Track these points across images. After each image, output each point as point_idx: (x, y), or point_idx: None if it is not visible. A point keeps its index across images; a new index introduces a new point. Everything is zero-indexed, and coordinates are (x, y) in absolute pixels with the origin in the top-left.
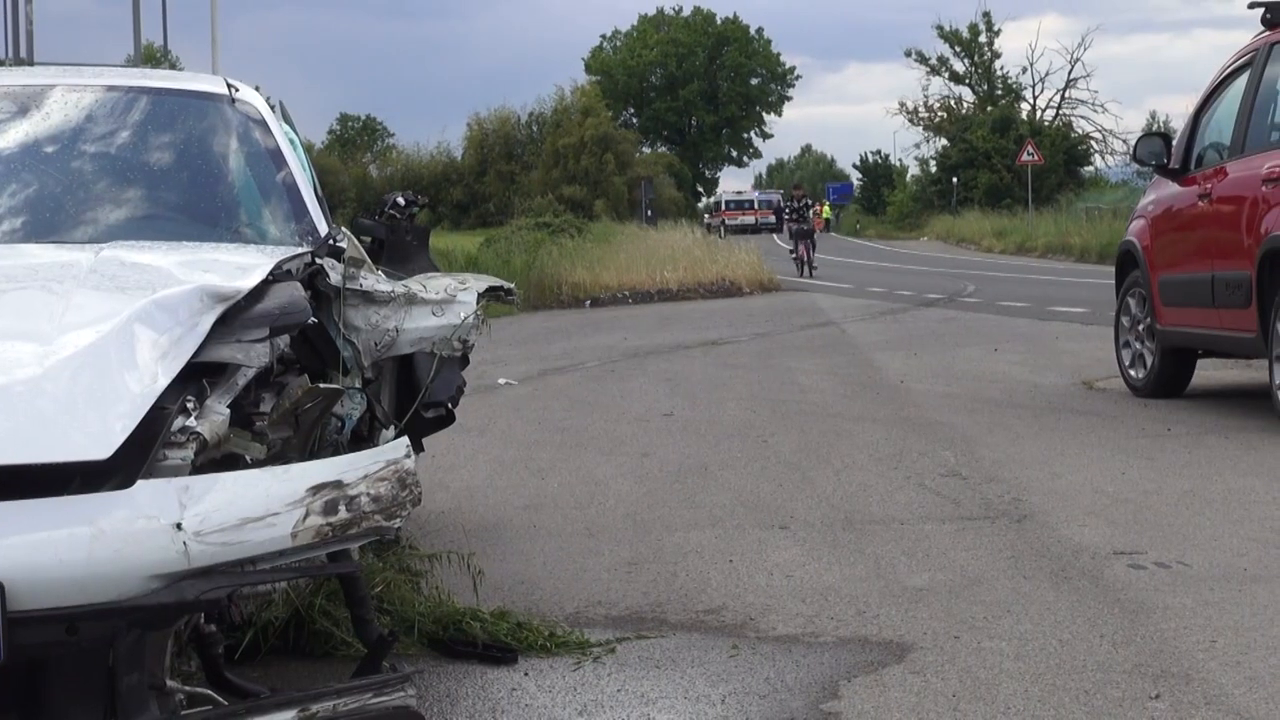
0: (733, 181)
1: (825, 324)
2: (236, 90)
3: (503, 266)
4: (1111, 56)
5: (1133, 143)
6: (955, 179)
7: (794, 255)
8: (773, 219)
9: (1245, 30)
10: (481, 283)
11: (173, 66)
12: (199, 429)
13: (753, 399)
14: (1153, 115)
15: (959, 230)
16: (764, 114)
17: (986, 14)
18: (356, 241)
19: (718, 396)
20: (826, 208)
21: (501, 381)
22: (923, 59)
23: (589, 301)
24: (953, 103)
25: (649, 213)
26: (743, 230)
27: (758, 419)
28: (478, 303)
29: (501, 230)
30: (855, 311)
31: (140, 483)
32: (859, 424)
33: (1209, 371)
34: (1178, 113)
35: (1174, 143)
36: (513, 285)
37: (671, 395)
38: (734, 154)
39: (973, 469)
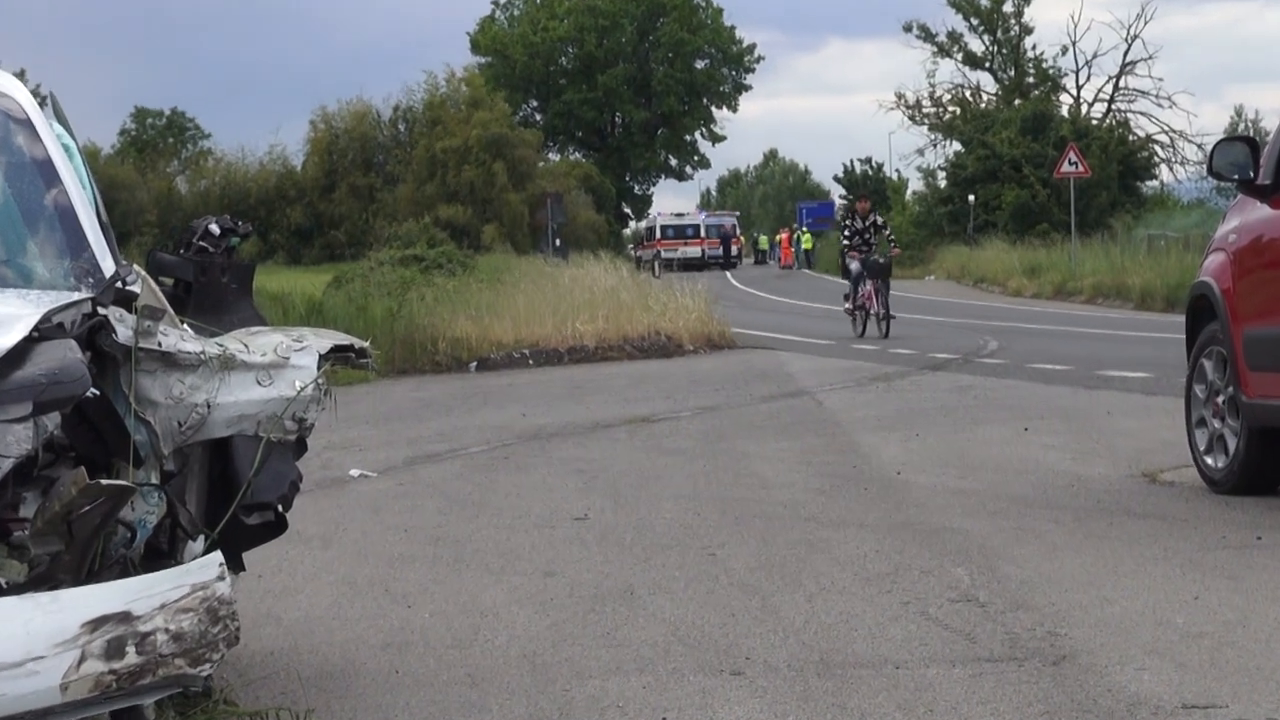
0: (671, 200)
1: (795, 394)
2: None
3: (357, 316)
4: (1181, 32)
5: (1209, 149)
6: (972, 197)
7: (853, 304)
8: (734, 251)
9: None
10: (325, 340)
11: None
12: None
13: (696, 497)
14: (1237, 112)
15: (977, 266)
16: (713, 108)
17: None
18: (154, 285)
19: (649, 493)
20: (807, 235)
21: (354, 474)
22: (928, 35)
23: (475, 364)
24: (968, 94)
25: (557, 242)
26: (686, 266)
27: (703, 524)
28: (320, 367)
29: (356, 266)
30: (836, 376)
31: None
32: (840, 531)
33: None
34: (1270, 108)
35: (1264, 150)
36: (368, 344)
37: (586, 492)
38: (673, 163)
39: (994, 592)
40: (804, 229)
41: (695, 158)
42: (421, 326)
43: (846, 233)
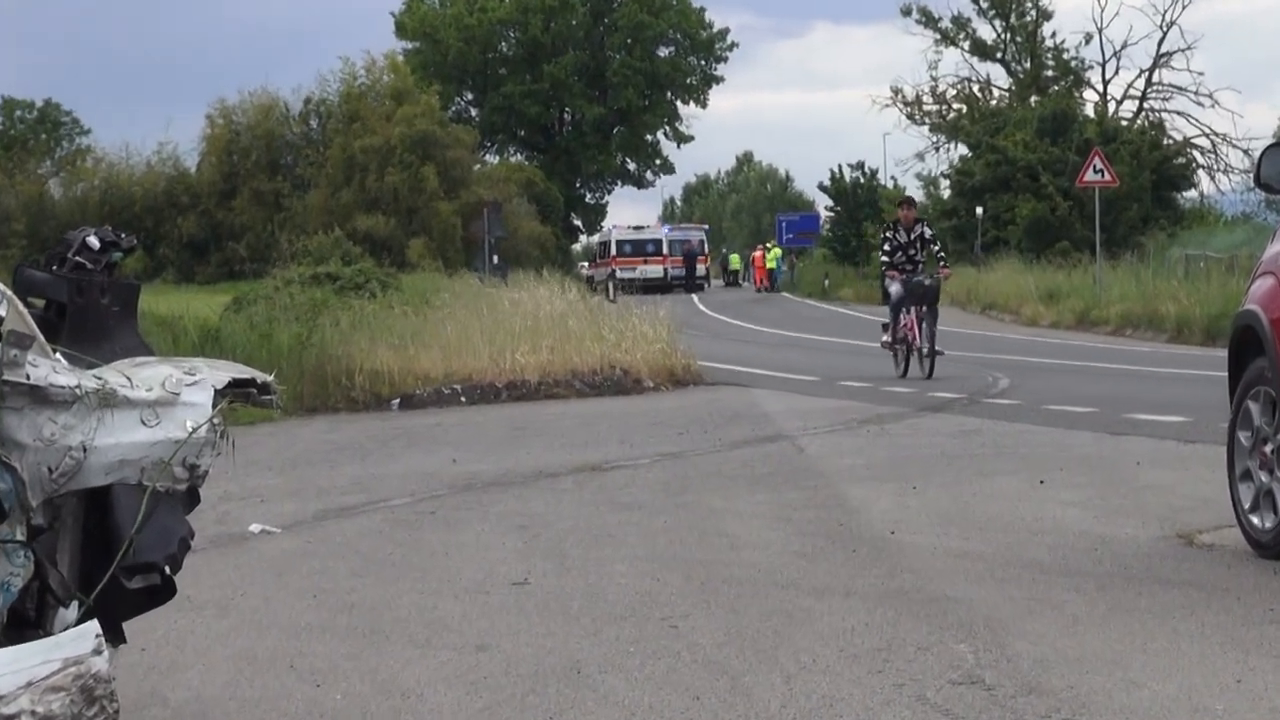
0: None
1: (772, 438)
2: None
3: (259, 345)
4: (1225, 19)
5: (1256, 156)
6: (980, 209)
7: (893, 336)
8: (703, 271)
9: None
10: (222, 373)
11: None
12: None
13: (655, 559)
14: None
15: (986, 290)
16: (679, 104)
17: None
18: (21, 307)
19: (600, 554)
20: (774, 251)
21: (256, 529)
22: (930, 19)
23: (397, 401)
24: (977, 89)
25: (495, 259)
26: (647, 288)
27: (663, 591)
28: (216, 404)
29: (259, 286)
30: (819, 418)
31: None
32: (823, 600)
33: None
34: None
35: None
36: (272, 377)
37: (527, 552)
38: (631, 167)
39: (1003, 673)
40: (769, 245)
41: (657, 161)
42: (335, 357)
43: (887, 248)
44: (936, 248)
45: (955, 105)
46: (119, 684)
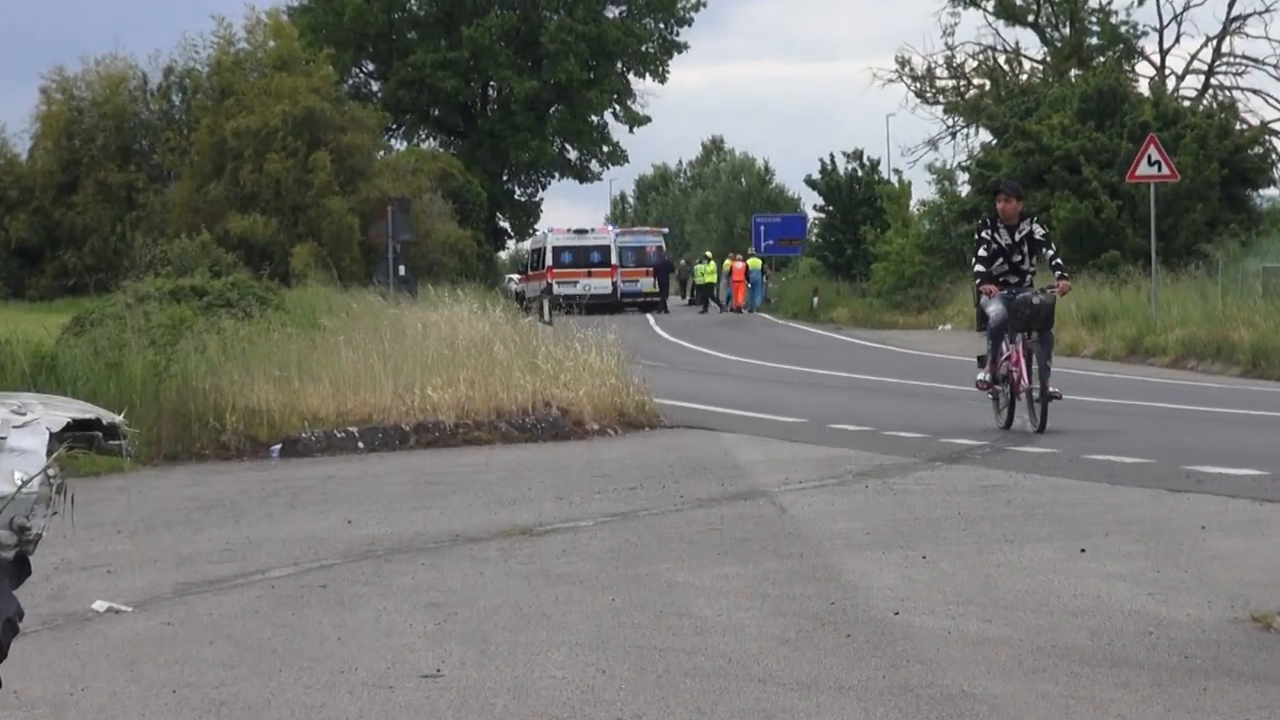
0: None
1: (747, 495)
2: None
3: (107, 376)
4: None
5: None
6: None
7: (993, 373)
8: (654, 287)
9: None
10: (59, 412)
11: None
12: None
13: (601, 645)
14: None
15: None
16: (631, 77)
17: None
18: None
19: (532, 640)
20: (754, 262)
21: (101, 607)
22: None
23: (278, 447)
24: (1003, 60)
25: (401, 270)
26: (593, 306)
27: (611, 686)
28: (52, 451)
29: (107, 302)
30: (805, 469)
31: None
32: (810, 697)
33: None
34: None
35: None
36: (122, 417)
37: (440, 636)
38: (571, 156)
39: None
40: (749, 254)
41: (605, 149)
42: (201, 392)
43: (982, 252)
44: (1050, 253)
45: (976, 80)
46: None
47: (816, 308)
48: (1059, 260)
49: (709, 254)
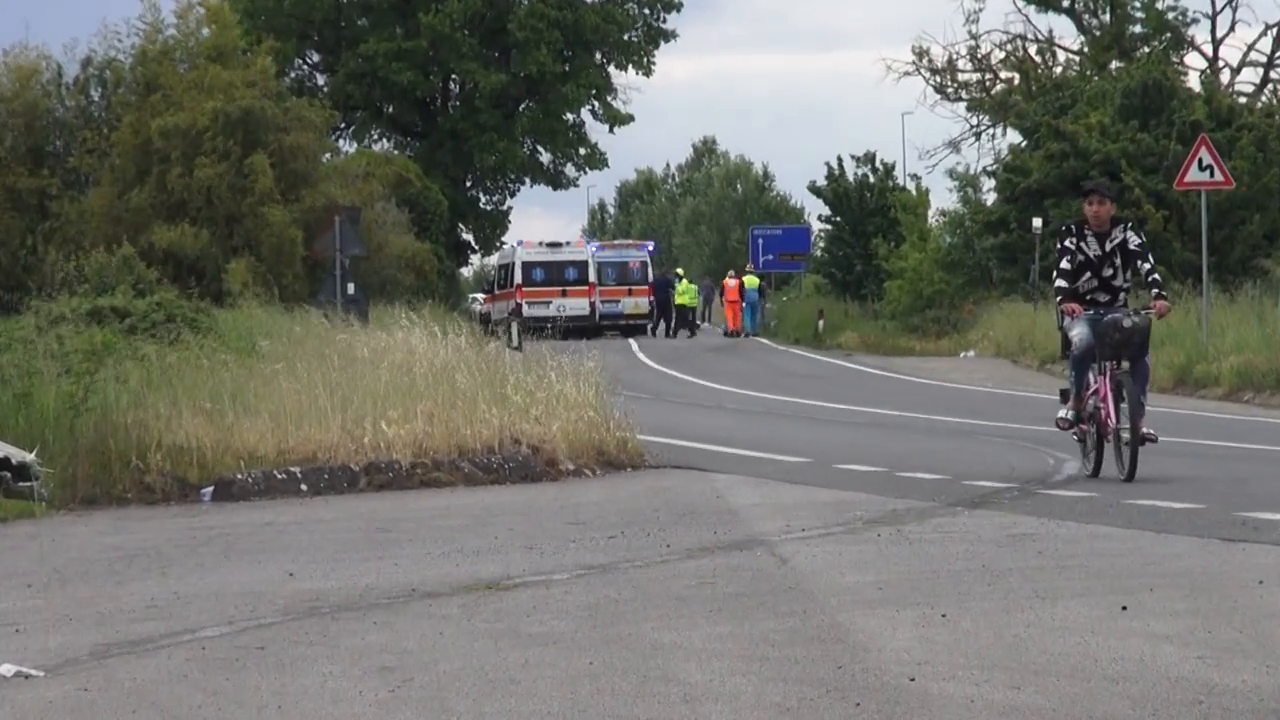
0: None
1: (743, 544)
2: None
3: (15, 409)
4: None
5: None
6: (1039, 221)
7: (1077, 410)
8: (639, 308)
9: None
10: None
11: None
12: None
13: (578, 715)
14: None
15: (1047, 336)
16: (611, 69)
17: None
18: None
19: (499, 709)
20: (752, 280)
21: (7, 672)
22: None
23: (210, 490)
24: (1035, 51)
25: (351, 288)
26: (571, 329)
27: None
28: None
29: (15, 325)
30: (810, 516)
31: None
32: None
33: None
34: None
35: None
36: (33, 455)
37: (394, 704)
38: (544, 159)
39: None
40: (746, 270)
41: (582, 151)
42: (123, 427)
43: (1065, 264)
44: (1148, 266)
45: (1004, 74)
46: None
47: (822, 332)
48: (1157, 275)
49: (680, 271)
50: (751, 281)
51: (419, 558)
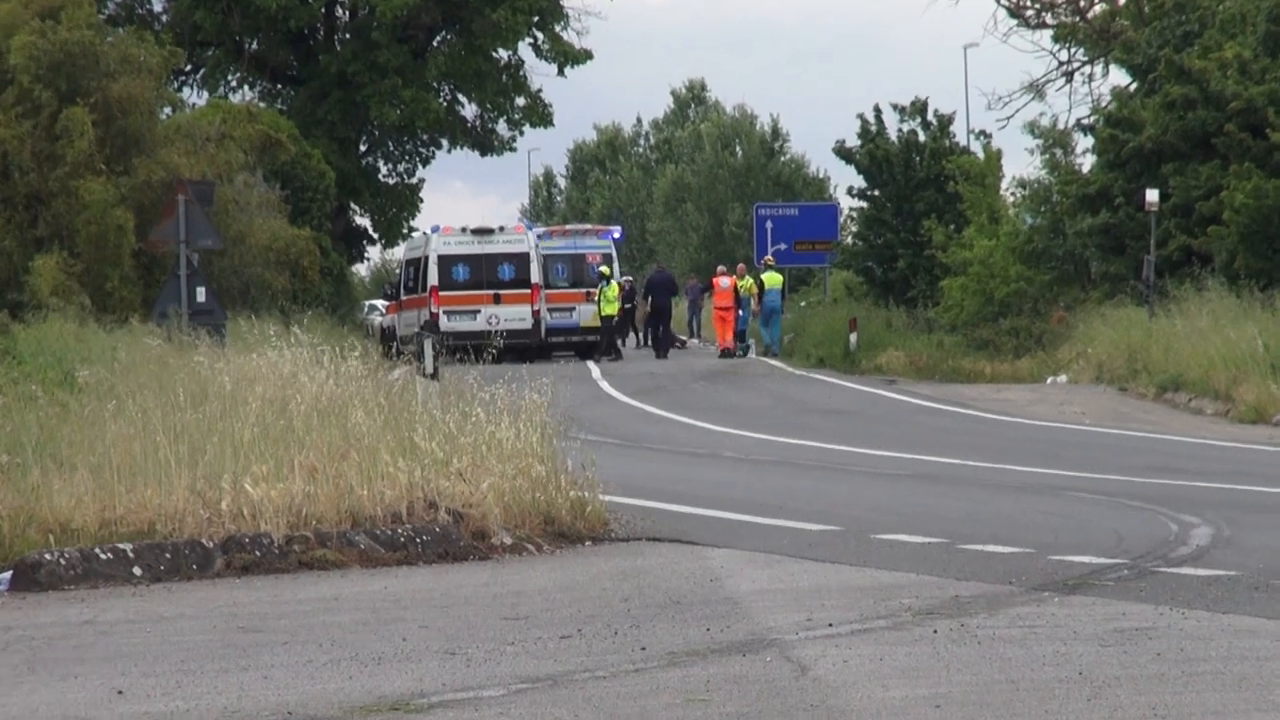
0: (468, 201)
1: (745, 646)
2: None
3: None
4: None
5: None
6: (1154, 194)
7: None
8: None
9: None
10: None
11: None
12: None
13: None
14: None
15: (1166, 355)
16: None
17: None
18: None
19: None
20: (771, 277)
21: None
22: None
23: (6, 577)
24: None
25: (201, 294)
26: (509, 348)
27: None
28: None
29: None
30: (838, 606)
31: None
32: None
33: None
34: None
35: None
36: None
37: None
38: (467, 113)
39: None
40: (767, 262)
41: (520, 101)
42: None
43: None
44: None
45: None
46: None
47: (855, 349)
48: None
49: (605, 270)
50: (773, 280)
51: (297, 668)
